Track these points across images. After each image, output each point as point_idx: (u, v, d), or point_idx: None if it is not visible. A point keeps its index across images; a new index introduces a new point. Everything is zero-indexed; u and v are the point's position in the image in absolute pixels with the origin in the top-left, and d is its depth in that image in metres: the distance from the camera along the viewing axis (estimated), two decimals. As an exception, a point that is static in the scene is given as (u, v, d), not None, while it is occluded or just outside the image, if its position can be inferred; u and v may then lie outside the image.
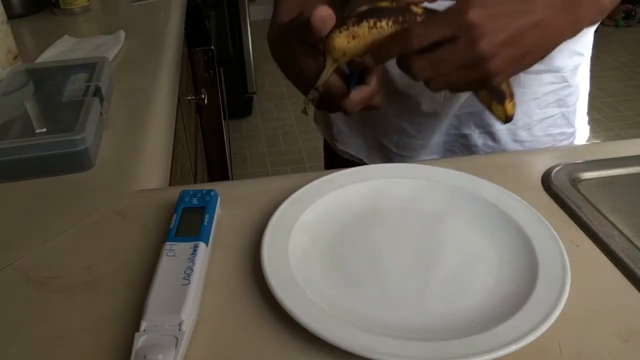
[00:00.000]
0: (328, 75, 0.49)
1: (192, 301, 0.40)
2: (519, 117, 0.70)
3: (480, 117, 0.70)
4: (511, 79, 0.52)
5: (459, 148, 0.74)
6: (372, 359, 0.36)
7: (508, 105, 0.52)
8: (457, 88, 0.49)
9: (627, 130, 2.63)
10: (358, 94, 0.49)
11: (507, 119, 0.54)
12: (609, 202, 0.55)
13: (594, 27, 0.68)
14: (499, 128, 0.71)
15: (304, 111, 0.51)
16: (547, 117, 0.72)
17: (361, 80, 0.51)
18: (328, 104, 0.51)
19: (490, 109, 0.53)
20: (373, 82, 0.50)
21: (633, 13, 3.81)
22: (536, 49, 0.46)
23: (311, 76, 0.50)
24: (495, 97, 0.52)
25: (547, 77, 0.69)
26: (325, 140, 0.89)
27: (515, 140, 0.72)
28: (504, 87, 0.51)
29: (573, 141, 0.77)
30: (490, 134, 0.72)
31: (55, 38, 1.00)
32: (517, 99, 0.68)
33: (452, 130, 0.73)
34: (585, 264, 0.45)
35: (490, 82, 0.46)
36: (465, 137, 0.73)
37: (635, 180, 0.58)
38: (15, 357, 0.39)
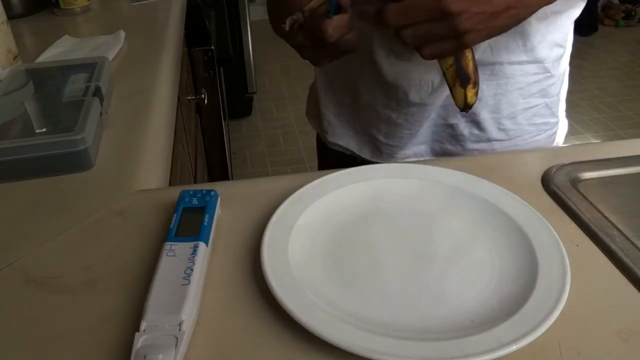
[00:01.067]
0: (317, 4, 0.51)
1: (192, 301, 0.40)
2: (504, 106, 0.72)
3: None
4: (480, 72, 0.54)
5: (446, 138, 0.76)
6: (372, 359, 0.36)
7: (470, 91, 0.54)
8: (429, 47, 0.50)
9: (627, 130, 2.63)
10: (338, 19, 0.52)
11: (465, 105, 0.55)
12: (609, 202, 0.55)
13: (573, 19, 0.70)
14: (484, 117, 0.72)
15: (284, 27, 0.52)
16: (531, 107, 0.73)
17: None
18: (310, 32, 0.53)
19: (452, 90, 0.55)
20: (348, 15, 0.53)
21: (633, 13, 3.81)
22: (507, 11, 0.48)
23: None
24: (460, 78, 0.53)
25: (531, 68, 0.70)
26: (318, 137, 0.89)
27: (500, 129, 0.74)
28: (470, 71, 0.53)
29: (556, 132, 0.79)
30: (476, 123, 0.73)
31: (55, 38, 1.00)
32: (501, 89, 0.70)
33: (439, 120, 0.74)
34: (585, 264, 0.45)
35: (462, 41, 0.48)
36: (452, 127, 0.74)
37: (635, 180, 0.58)
38: (15, 357, 0.39)
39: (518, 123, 0.74)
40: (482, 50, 0.66)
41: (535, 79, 0.71)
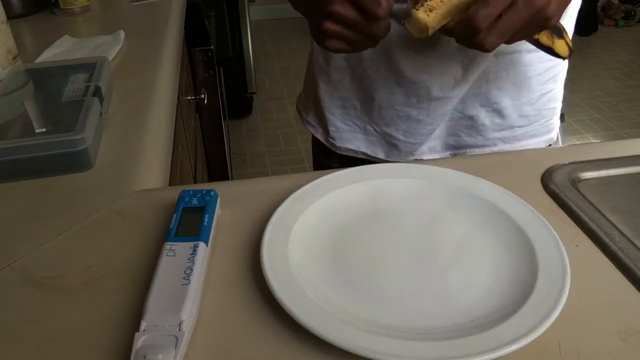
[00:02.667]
0: None
1: (192, 301, 0.40)
2: (524, 92, 0.73)
3: (485, 96, 0.72)
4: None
5: (464, 130, 0.76)
6: (372, 359, 0.36)
7: (567, 37, 0.57)
8: (519, 38, 0.52)
9: (627, 130, 2.63)
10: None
11: (570, 51, 0.58)
12: (608, 202, 0.55)
13: (578, 6, 0.71)
14: (506, 105, 0.73)
15: None
16: (547, 92, 0.75)
17: None
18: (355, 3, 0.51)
19: (551, 48, 0.57)
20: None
21: (633, 13, 3.81)
22: None
23: None
24: (556, 33, 0.56)
25: (546, 55, 0.71)
26: (314, 143, 0.87)
27: (522, 115, 0.75)
28: (558, 24, 0.56)
29: (559, 114, 0.81)
30: (498, 112, 0.74)
31: (55, 38, 1.00)
32: (521, 76, 0.72)
33: (456, 114, 0.74)
34: (584, 264, 0.45)
35: (549, 25, 0.50)
36: (471, 118, 0.74)
37: (635, 180, 0.58)
38: (15, 357, 0.39)
39: (537, 108, 0.75)
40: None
41: (550, 65, 0.73)
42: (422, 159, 0.77)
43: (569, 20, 0.70)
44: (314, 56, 0.81)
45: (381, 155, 0.79)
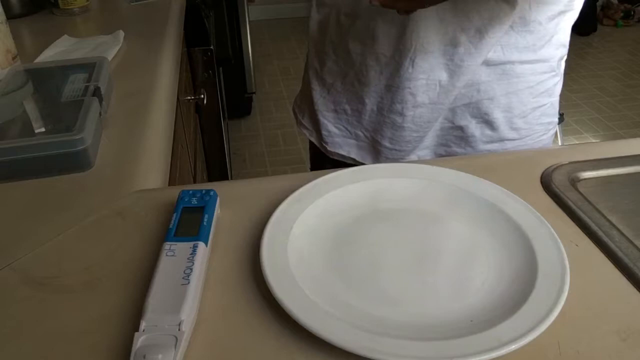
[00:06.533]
0: None
1: (191, 301, 0.40)
2: (515, 105, 0.72)
3: (476, 107, 0.72)
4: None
5: (453, 141, 0.75)
6: (372, 358, 0.36)
7: None
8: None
9: (627, 130, 2.63)
10: None
11: None
12: (608, 201, 0.55)
13: (574, 20, 0.71)
14: (497, 117, 0.73)
15: None
16: (540, 106, 0.74)
17: None
18: None
19: None
20: None
21: (632, 13, 3.81)
22: None
23: None
24: None
25: (540, 67, 0.71)
26: (311, 144, 0.88)
27: (512, 128, 0.74)
28: None
29: (554, 131, 0.80)
30: (488, 123, 0.73)
31: (54, 38, 1.00)
32: (513, 88, 0.71)
33: (446, 123, 0.74)
34: (584, 264, 0.45)
35: None
36: (461, 129, 0.74)
37: (634, 180, 0.58)
38: (15, 357, 0.39)
39: (529, 122, 0.74)
40: (493, 50, 0.67)
41: (543, 78, 0.72)
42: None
43: (570, 20, 0.70)
44: (310, 59, 0.81)
45: (369, 163, 0.79)
